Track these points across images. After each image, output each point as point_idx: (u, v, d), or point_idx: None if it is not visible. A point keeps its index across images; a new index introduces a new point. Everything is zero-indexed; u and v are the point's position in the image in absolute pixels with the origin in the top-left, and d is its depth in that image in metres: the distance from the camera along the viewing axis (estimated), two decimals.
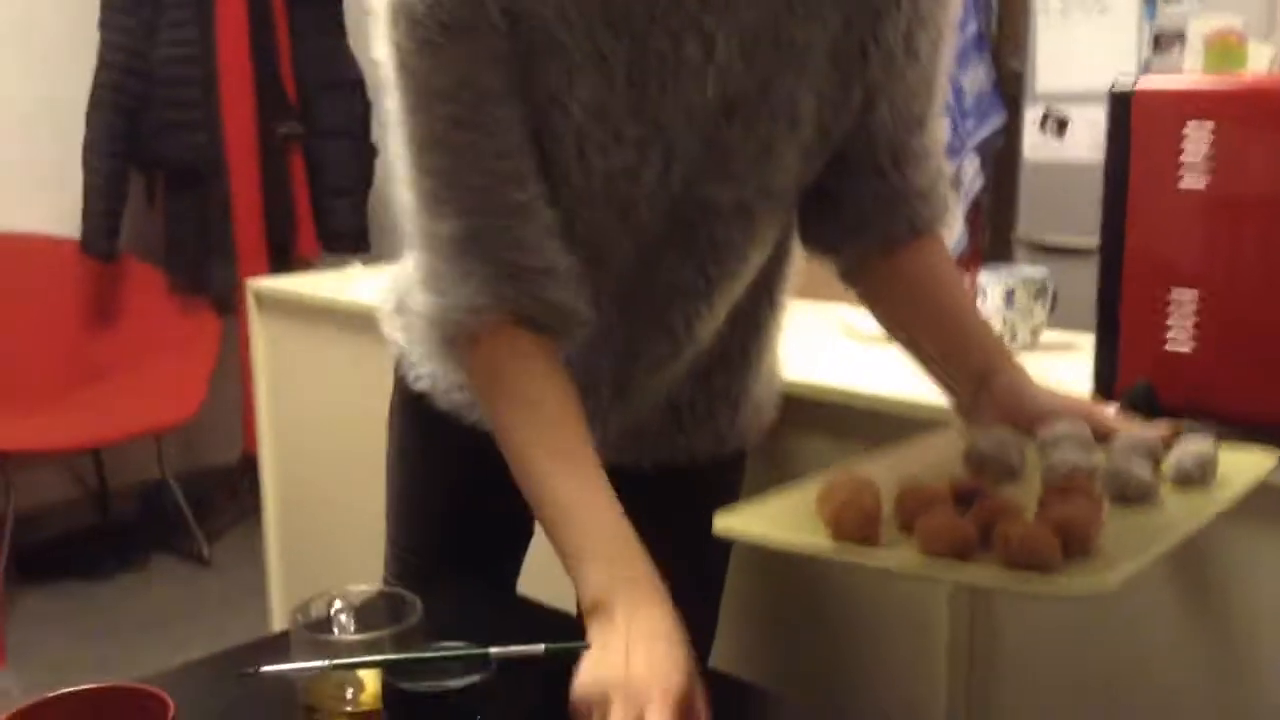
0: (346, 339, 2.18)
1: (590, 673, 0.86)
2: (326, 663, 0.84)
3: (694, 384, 1.22)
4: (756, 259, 1.16)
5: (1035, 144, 3.10)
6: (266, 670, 0.84)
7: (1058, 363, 1.58)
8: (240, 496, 3.58)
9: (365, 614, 0.98)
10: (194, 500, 3.46)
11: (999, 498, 0.83)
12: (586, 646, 0.88)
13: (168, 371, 3.32)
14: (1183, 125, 1.16)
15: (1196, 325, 1.18)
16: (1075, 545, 0.77)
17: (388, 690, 0.82)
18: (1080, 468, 0.89)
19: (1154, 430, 0.98)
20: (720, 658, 1.38)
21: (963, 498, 0.86)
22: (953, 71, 1.37)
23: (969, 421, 1.09)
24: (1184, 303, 1.18)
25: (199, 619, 2.99)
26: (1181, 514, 0.84)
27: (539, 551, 1.42)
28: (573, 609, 1.34)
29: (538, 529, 1.36)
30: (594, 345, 1.14)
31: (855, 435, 1.47)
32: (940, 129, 1.13)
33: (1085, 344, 1.31)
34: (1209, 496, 0.88)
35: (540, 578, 1.39)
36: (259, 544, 2.54)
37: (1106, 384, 1.26)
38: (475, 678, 0.82)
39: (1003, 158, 3.34)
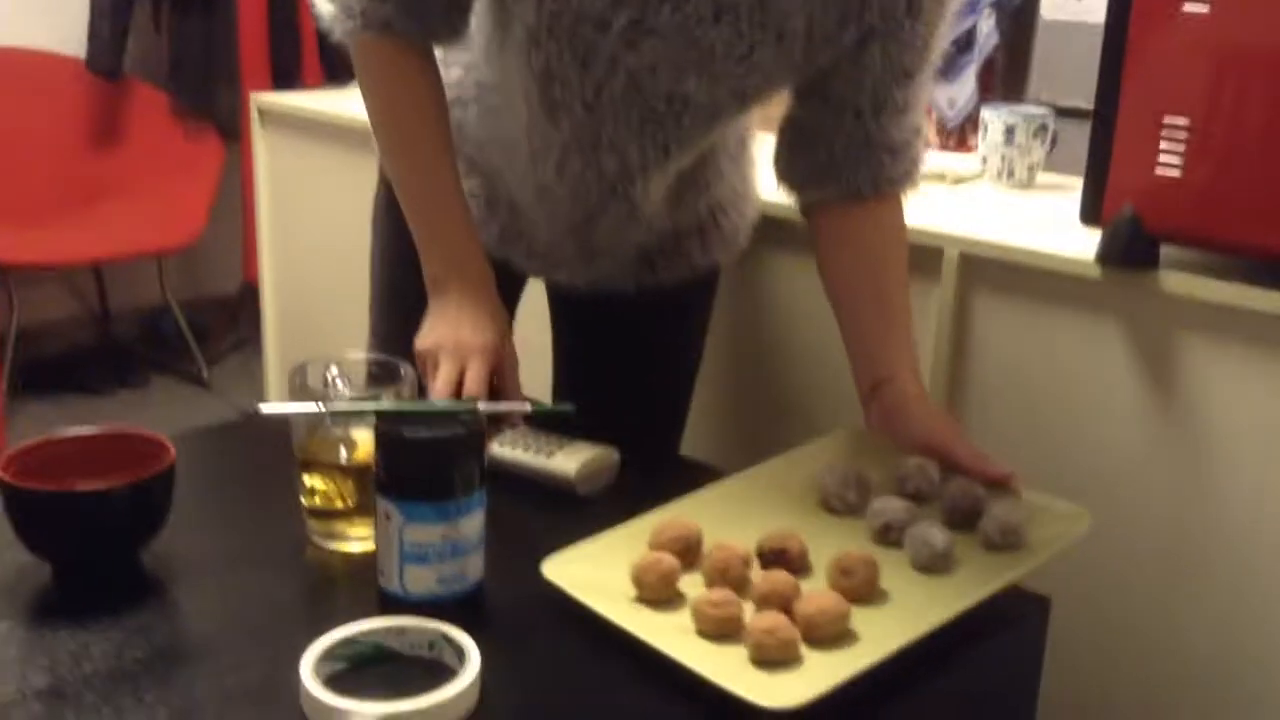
0: (350, 157, 2.18)
1: (428, 335, 1.06)
2: (323, 407, 0.88)
3: (662, 233, 1.26)
4: (720, 138, 1.19)
5: (1055, 3, 3.05)
6: (266, 410, 0.87)
7: (1050, 201, 1.60)
8: (240, 325, 3.62)
9: (360, 378, 1.02)
10: (194, 326, 3.49)
11: (776, 577, 0.86)
12: (570, 410, 0.92)
13: (170, 194, 3.32)
14: None
15: (1187, 151, 1.19)
16: (816, 638, 0.82)
17: (380, 437, 0.86)
18: (892, 525, 0.95)
19: (993, 469, 1.02)
20: (691, 448, 1.44)
21: (768, 558, 0.91)
22: None
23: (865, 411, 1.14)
24: (1176, 128, 1.20)
25: None
26: (941, 601, 0.87)
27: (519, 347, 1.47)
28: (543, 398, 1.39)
29: (518, 319, 1.42)
30: (552, 213, 1.20)
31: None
32: (926, 89, 1.13)
33: (1080, 186, 1.32)
34: (994, 572, 0.91)
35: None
36: (258, 370, 2.58)
37: (1092, 212, 1.28)
38: (463, 429, 0.86)
39: (1020, 16, 3.28)
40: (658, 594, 0.87)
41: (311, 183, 2.33)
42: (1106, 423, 1.32)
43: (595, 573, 0.89)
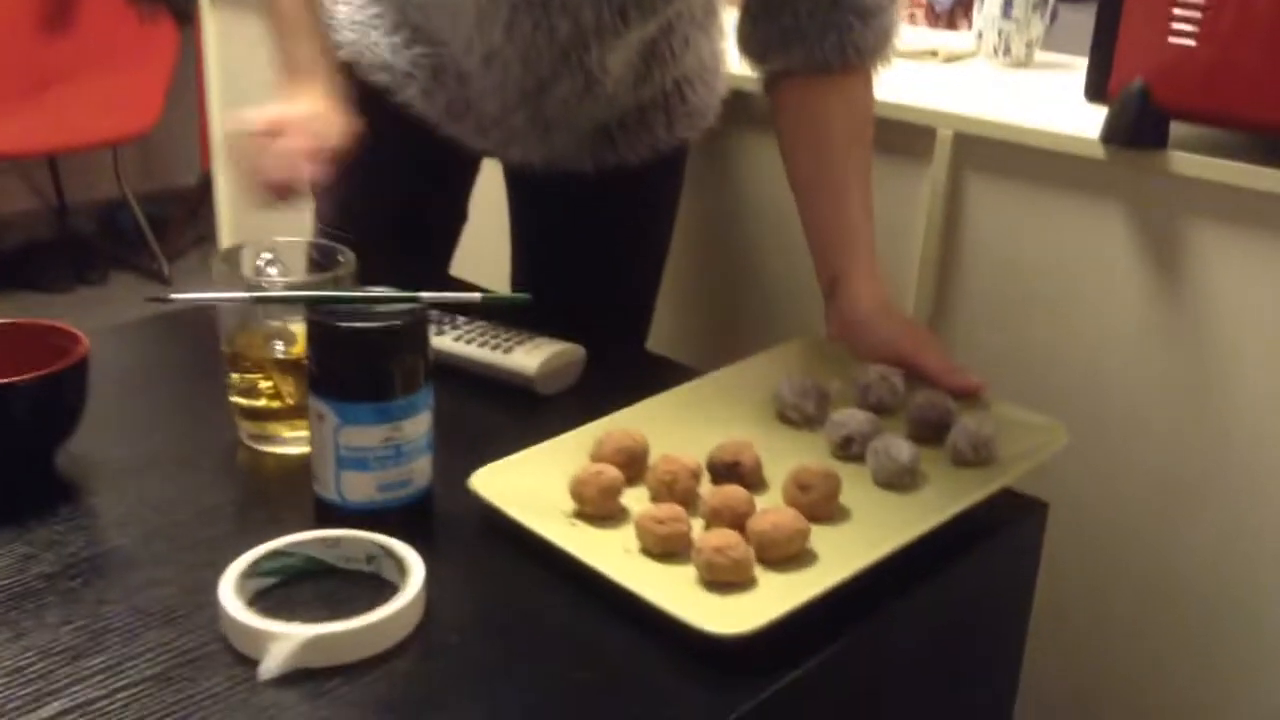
0: None
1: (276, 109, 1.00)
2: (246, 295, 0.79)
3: (623, 108, 1.17)
4: (685, 4, 1.10)
5: None
6: (178, 298, 0.78)
7: (1051, 78, 1.50)
8: (200, 218, 3.50)
9: (300, 264, 0.93)
10: (153, 220, 3.38)
11: (728, 492, 0.78)
12: (526, 299, 0.83)
13: (125, 81, 3.19)
14: None
15: (1202, 20, 1.09)
16: (771, 558, 0.74)
17: (311, 328, 0.77)
18: (853, 437, 0.87)
19: (963, 379, 0.94)
20: (658, 344, 1.36)
21: (720, 472, 0.83)
22: None
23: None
24: (1188, 12, 1.10)
25: None
26: (905, 519, 0.79)
27: (474, 240, 1.38)
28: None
29: (472, 214, 1.33)
30: (501, 82, 1.11)
31: None
32: None
33: (1082, 66, 1.22)
34: (964, 489, 0.83)
35: (475, 267, 1.34)
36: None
37: (1098, 87, 1.18)
38: (405, 319, 0.77)
39: None
40: (598, 509, 0.79)
41: (265, 66, 2.20)
42: (1107, 314, 1.24)
43: (531, 486, 0.81)
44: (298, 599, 0.72)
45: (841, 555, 0.75)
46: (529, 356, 0.99)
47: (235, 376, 0.89)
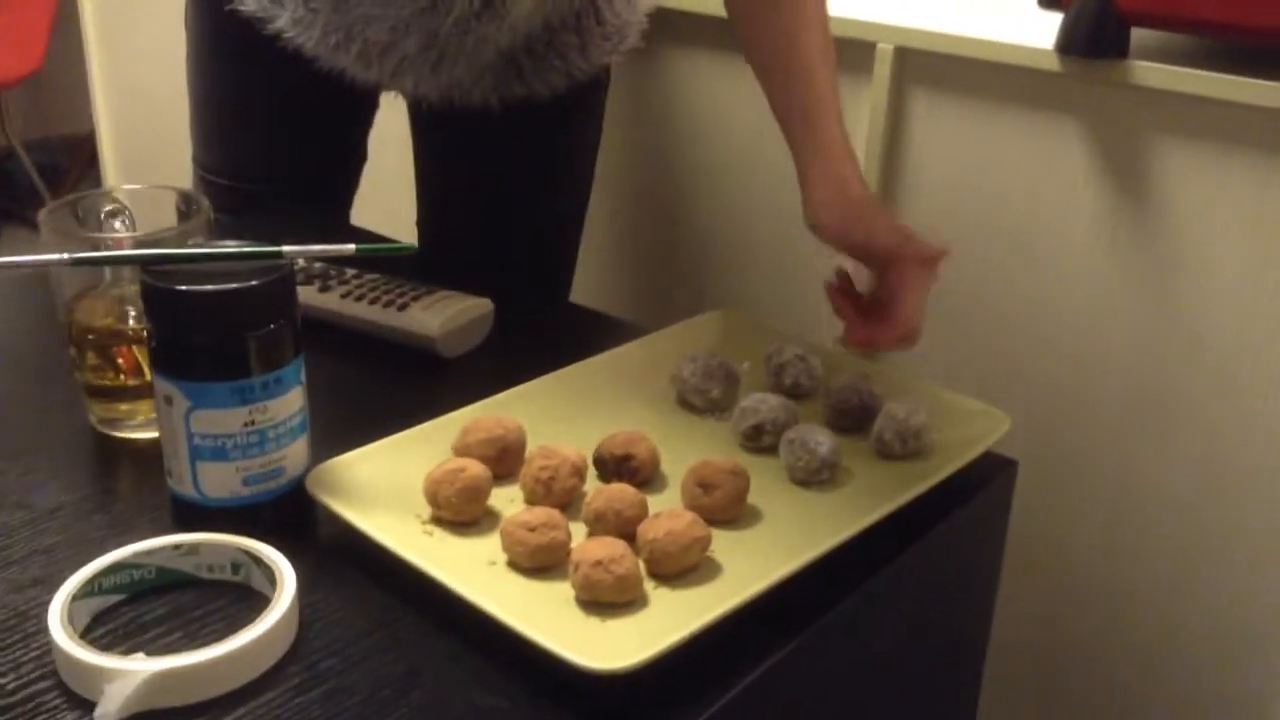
0: None
1: None
2: (64, 255, 0.66)
3: (528, 31, 1.02)
4: None
5: None
6: None
7: None
8: (96, 166, 3.30)
9: (158, 217, 0.80)
10: (46, 169, 3.18)
11: (615, 492, 0.66)
12: (409, 248, 0.71)
13: (5, 23, 2.96)
14: None
15: None
16: (664, 571, 0.62)
17: (146, 294, 0.64)
18: (764, 426, 0.75)
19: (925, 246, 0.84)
20: (580, 294, 1.25)
21: (608, 467, 0.71)
22: None
23: None
24: None
25: None
26: (824, 522, 0.67)
27: (375, 184, 1.25)
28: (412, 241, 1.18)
29: (370, 155, 1.20)
30: None
31: (732, 47, 1.28)
32: None
33: None
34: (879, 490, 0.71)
35: (382, 214, 1.22)
36: None
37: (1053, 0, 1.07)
38: (261, 279, 0.64)
39: None
40: (459, 514, 0.66)
41: (146, 5, 2.03)
42: (1066, 241, 1.14)
43: (382, 485, 0.68)
44: (148, 620, 0.60)
45: (749, 567, 0.63)
46: (429, 315, 0.87)
47: (75, 351, 0.76)
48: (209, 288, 0.63)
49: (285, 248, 0.66)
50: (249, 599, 0.61)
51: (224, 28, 1.07)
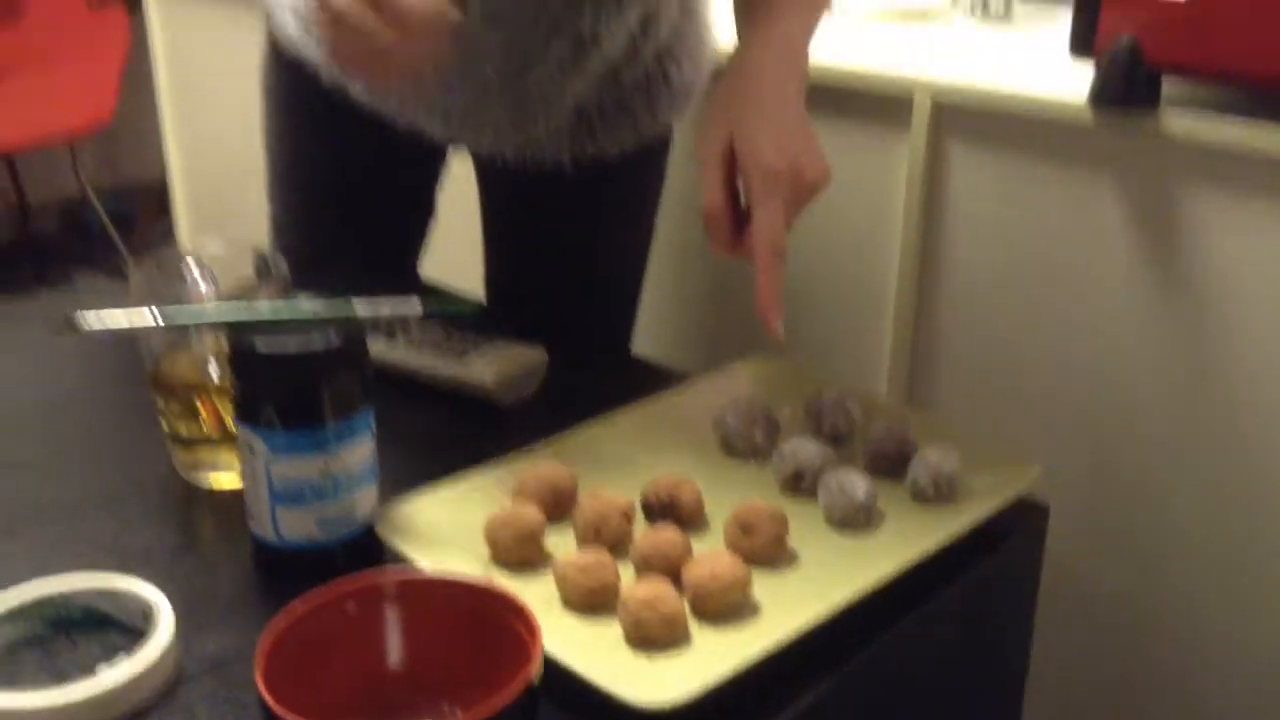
0: (252, 14, 1.97)
1: None
2: (156, 320, 0.71)
3: (601, 88, 1.06)
4: None
5: None
6: (87, 326, 0.71)
7: (1032, 35, 1.42)
8: (168, 212, 3.41)
9: (234, 271, 0.85)
10: (119, 216, 3.28)
11: (662, 535, 0.70)
12: (476, 307, 0.76)
13: (77, 73, 3.08)
14: None
15: None
16: (708, 611, 0.66)
17: (233, 352, 0.70)
18: (804, 471, 0.79)
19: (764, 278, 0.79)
20: (644, 346, 1.29)
21: (654, 511, 0.75)
22: None
23: None
24: None
25: None
26: (861, 564, 0.71)
27: (446, 238, 1.30)
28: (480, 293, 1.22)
29: (441, 207, 1.24)
30: (473, 50, 0.99)
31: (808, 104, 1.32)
32: None
33: (1065, 16, 1.15)
34: (926, 530, 0.74)
35: (449, 266, 1.27)
36: None
37: (1084, 42, 1.11)
38: (337, 337, 0.69)
39: None
40: (515, 556, 0.71)
41: (216, 52, 2.11)
42: (1100, 289, 1.17)
43: (446, 527, 0.73)
44: (26, 665, 0.63)
45: (789, 607, 0.67)
46: (486, 365, 0.92)
47: (161, 402, 0.81)
48: (289, 350, 0.68)
49: (359, 310, 0.71)
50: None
51: (300, 90, 1.11)
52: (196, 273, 0.83)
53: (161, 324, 0.71)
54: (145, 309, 0.73)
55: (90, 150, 3.33)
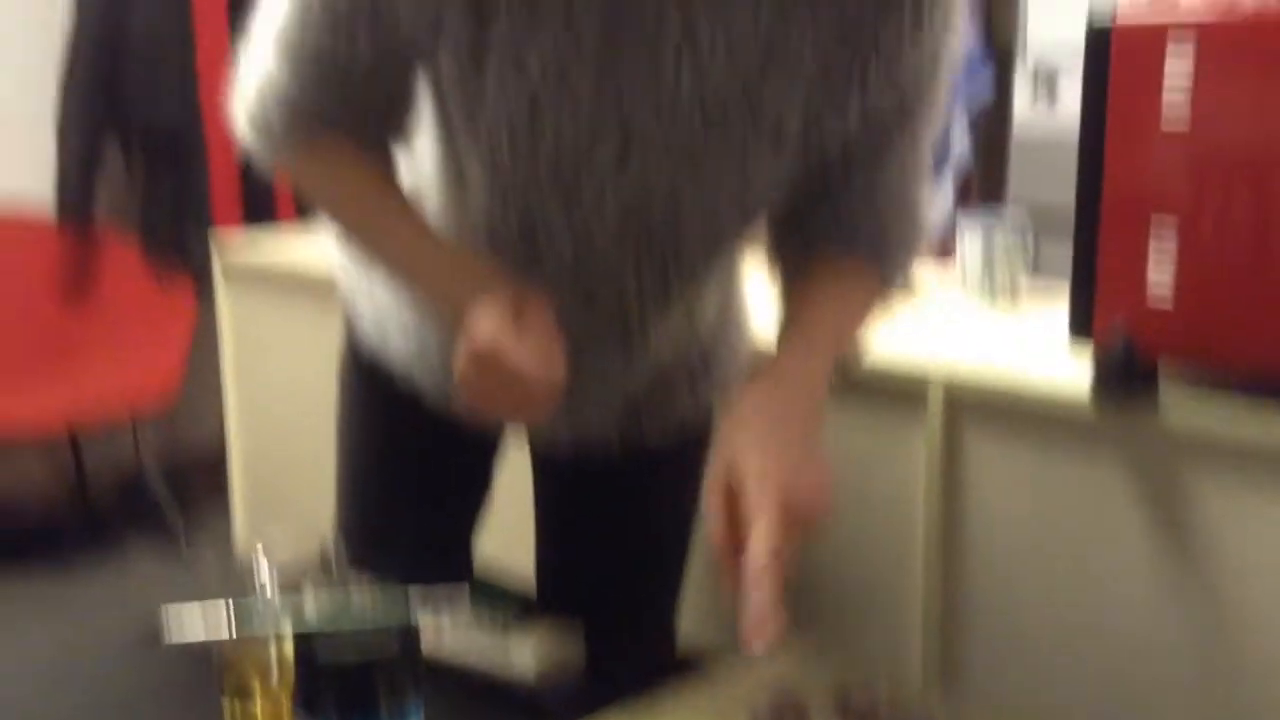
0: (322, 309, 2.11)
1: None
2: (230, 632, 0.78)
3: (650, 383, 1.13)
4: (727, 264, 1.08)
5: (1026, 105, 3.03)
6: (165, 634, 0.78)
7: (1038, 315, 1.52)
8: (225, 491, 3.50)
9: (292, 575, 0.92)
10: (176, 487, 3.36)
11: None
12: (523, 601, 0.82)
13: (144, 350, 3.23)
14: (1162, 57, 1.10)
15: (1177, 270, 1.11)
16: None
17: (300, 661, 0.76)
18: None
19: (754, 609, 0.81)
20: (690, 622, 1.33)
21: None
22: None
23: None
24: (1163, 246, 1.12)
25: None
26: None
27: (500, 527, 1.36)
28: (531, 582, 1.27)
29: (494, 499, 1.31)
30: None
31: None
32: (917, 161, 1.00)
33: (1067, 293, 1.25)
34: None
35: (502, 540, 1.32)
36: None
37: (1082, 328, 1.19)
38: (397, 649, 0.76)
39: (994, 117, 3.27)
40: None
41: (282, 340, 2.26)
42: (1112, 570, 1.22)
43: None
44: None
45: None
46: (527, 653, 0.98)
47: (227, 695, 0.87)
48: (348, 659, 0.75)
49: (414, 613, 0.78)
50: None
51: (374, 388, 1.19)
52: (263, 569, 0.90)
53: (235, 635, 0.78)
54: (220, 618, 0.80)
55: (150, 425, 3.43)
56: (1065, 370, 1.24)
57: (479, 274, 0.97)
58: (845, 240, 1.00)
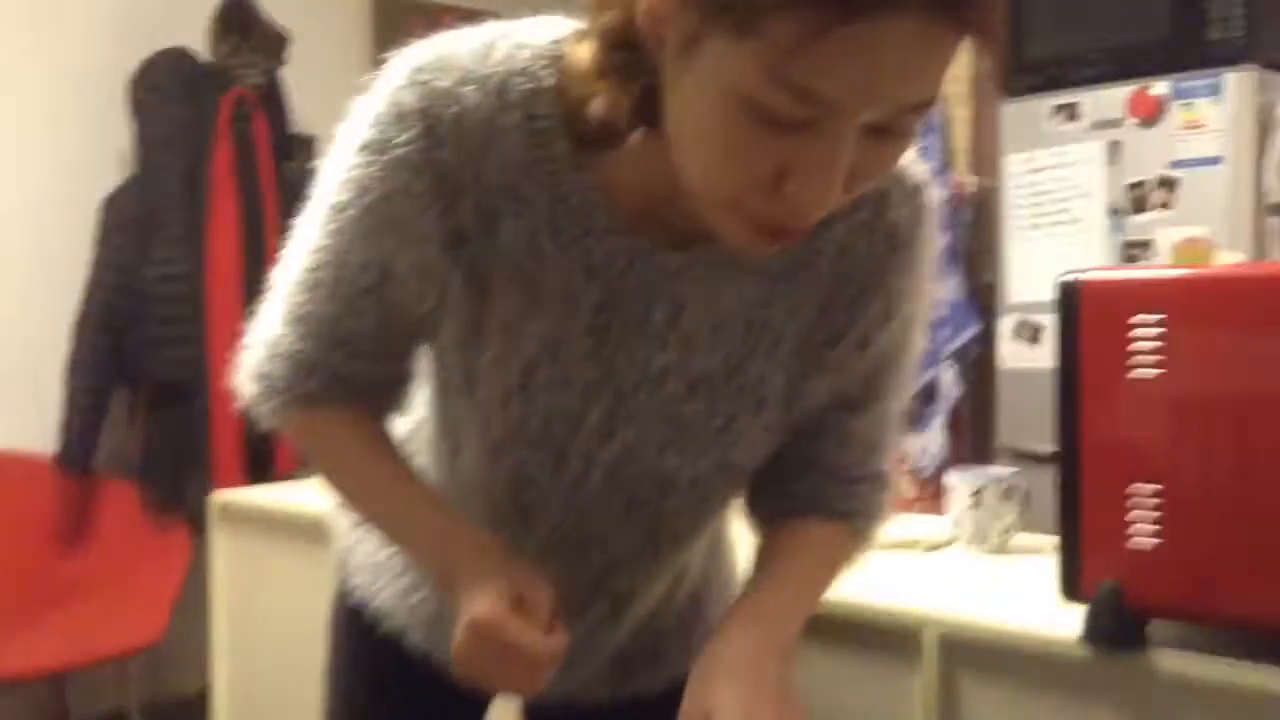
0: (313, 555, 2.12)
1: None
2: None
3: (638, 634, 1.14)
4: (712, 523, 1.10)
5: (1010, 353, 3.12)
6: None
7: (1030, 566, 1.52)
8: None
9: None
10: None
11: None
12: None
13: (135, 591, 3.21)
14: (1132, 317, 1.15)
15: (1159, 521, 1.13)
16: None
17: None
18: None
19: None
20: None
21: None
22: None
23: None
24: (1145, 498, 1.14)
25: None
26: None
27: None
28: None
29: None
30: None
31: (822, 639, 1.40)
32: (887, 423, 1.04)
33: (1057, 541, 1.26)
34: None
35: None
36: None
37: (1072, 585, 1.20)
38: None
39: (981, 366, 3.35)
40: None
41: (273, 583, 2.25)
42: None
43: None
44: None
45: None
46: None
47: None
48: None
49: None
50: None
51: (364, 637, 1.18)
52: None
53: None
54: None
55: (133, 663, 3.38)
56: (1058, 618, 1.24)
57: (475, 549, 0.97)
58: (819, 495, 1.03)
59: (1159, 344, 1.13)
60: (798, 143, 0.73)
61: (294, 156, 3.55)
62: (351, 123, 0.92)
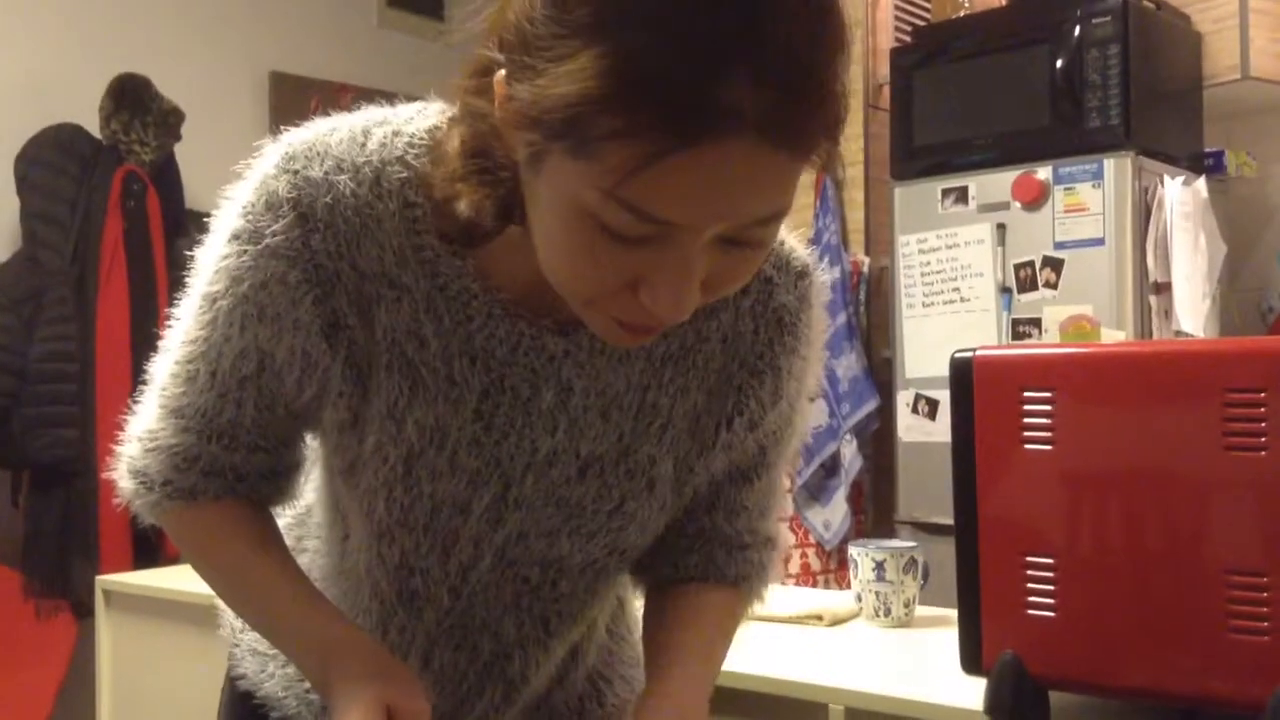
0: (201, 637, 2.05)
1: None
2: None
3: (535, 715, 1.11)
4: (606, 602, 1.10)
5: (909, 426, 3.17)
6: None
7: (933, 639, 1.54)
8: None
9: None
10: None
11: None
12: None
13: (17, 678, 3.08)
14: (1023, 392, 1.18)
15: (1054, 594, 1.16)
16: None
17: None
18: None
19: None
20: None
21: None
22: (826, 361, 1.33)
23: None
24: (1040, 570, 1.17)
25: None
26: None
27: None
28: None
29: None
30: None
31: (729, 713, 1.40)
32: (776, 489, 1.05)
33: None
34: None
35: None
36: None
37: (972, 657, 1.21)
38: None
39: (881, 440, 3.41)
40: None
41: (161, 668, 2.17)
42: None
43: None
44: None
45: None
46: None
47: None
48: None
49: None
50: None
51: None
52: None
53: None
54: None
55: None
56: (962, 690, 1.26)
57: (353, 654, 0.93)
58: (710, 563, 1.04)
59: (1049, 419, 1.16)
60: (647, 254, 0.74)
61: (188, 233, 3.49)
62: (225, 211, 0.91)
